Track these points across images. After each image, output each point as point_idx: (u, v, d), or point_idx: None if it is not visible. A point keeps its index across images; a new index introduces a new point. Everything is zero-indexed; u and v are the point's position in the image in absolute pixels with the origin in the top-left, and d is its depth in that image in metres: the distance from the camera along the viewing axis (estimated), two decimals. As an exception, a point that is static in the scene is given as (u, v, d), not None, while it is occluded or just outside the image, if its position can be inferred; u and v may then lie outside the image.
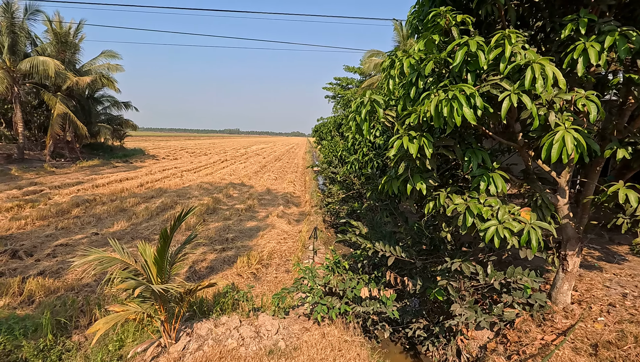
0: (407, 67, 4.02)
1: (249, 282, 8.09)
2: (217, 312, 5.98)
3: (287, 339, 5.00)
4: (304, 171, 31.23)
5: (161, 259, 4.14)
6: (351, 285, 5.66)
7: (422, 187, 4.17)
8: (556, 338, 4.78)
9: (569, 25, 3.49)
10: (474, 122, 3.30)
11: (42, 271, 8.05)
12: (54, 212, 12.55)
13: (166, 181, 20.84)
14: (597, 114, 3.15)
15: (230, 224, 12.53)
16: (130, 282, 3.94)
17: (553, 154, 3.18)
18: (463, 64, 3.47)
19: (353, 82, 38.24)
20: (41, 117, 27.89)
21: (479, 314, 4.96)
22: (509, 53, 3.17)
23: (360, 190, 12.20)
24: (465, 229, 3.83)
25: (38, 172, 21.48)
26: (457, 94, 3.24)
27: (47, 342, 5.44)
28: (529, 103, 3.12)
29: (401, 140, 3.88)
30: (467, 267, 4.52)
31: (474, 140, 4.30)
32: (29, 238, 10.18)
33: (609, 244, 8.61)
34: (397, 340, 6.59)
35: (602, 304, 5.41)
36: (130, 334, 5.50)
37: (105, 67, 30.21)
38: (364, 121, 4.43)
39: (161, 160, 34.75)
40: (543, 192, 4.56)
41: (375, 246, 5.46)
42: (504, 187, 3.84)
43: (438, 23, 3.70)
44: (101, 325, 3.98)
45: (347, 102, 17.62)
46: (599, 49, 3.23)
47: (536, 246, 3.49)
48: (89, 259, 4.14)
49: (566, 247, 5.20)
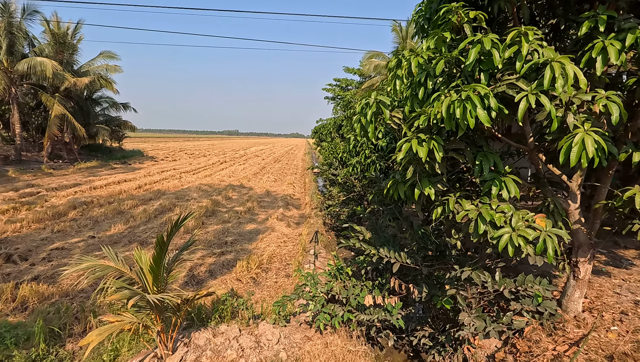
0: (415, 66, 3.84)
1: (248, 287, 7.90)
2: (216, 320, 5.79)
3: (288, 350, 4.80)
4: (303, 173, 31.05)
5: (157, 267, 3.95)
6: (354, 292, 5.48)
7: (430, 192, 3.99)
8: (569, 349, 4.59)
9: (587, 22, 3.32)
10: (488, 124, 3.12)
11: (37, 275, 7.86)
12: (50, 215, 12.35)
13: (165, 182, 20.65)
14: (618, 116, 2.98)
15: (229, 227, 12.34)
16: (124, 292, 3.74)
17: (572, 158, 3.01)
18: (476, 63, 3.30)
19: (353, 84, 38.14)
20: (39, 118, 27.66)
21: (488, 323, 4.77)
22: (525, 51, 2.99)
23: (362, 192, 12.01)
24: (477, 236, 3.65)
25: (35, 173, 21.26)
26: (471, 94, 3.06)
27: (39, 351, 5.25)
28: (548, 104, 2.94)
29: (410, 144, 3.69)
30: (477, 276, 4.33)
31: (485, 143, 4.12)
32: (24, 241, 9.98)
33: (615, 248, 8.44)
34: (401, 347, 6.41)
35: (614, 312, 5.23)
36: (126, 344, 5.31)
37: (103, 68, 30.04)
38: (370, 123, 4.25)
39: (160, 161, 34.55)
40: (555, 196, 4.39)
41: (379, 252, 5.28)
42: (517, 192, 3.66)
43: (449, 20, 3.53)
44: (94, 337, 3.79)
45: (347, 104, 17.45)
46: (619, 48, 3.06)
47: (553, 254, 3.31)
48: (81, 267, 3.94)
49: (577, 254, 5.02)
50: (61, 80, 24.37)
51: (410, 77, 4.08)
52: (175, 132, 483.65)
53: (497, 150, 5.52)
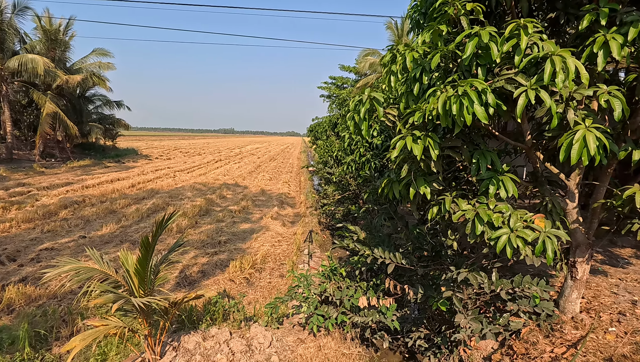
0: (410, 61, 3.71)
1: (241, 288, 7.76)
2: (206, 323, 5.65)
3: (280, 353, 4.67)
4: (298, 171, 30.88)
5: (143, 269, 3.80)
6: (348, 293, 5.36)
7: (426, 191, 3.87)
8: (567, 350, 4.50)
9: (588, 16, 3.21)
10: (485, 120, 3.00)
11: (25, 277, 7.67)
12: (40, 215, 12.12)
13: (158, 181, 20.41)
14: (621, 112, 2.87)
15: (223, 226, 12.17)
16: (109, 296, 3.59)
17: (573, 155, 2.89)
18: (473, 57, 3.17)
19: (348, 82, 37.99)
20: (31, 116, 27.25)
21: (485, 324, 4.67)
22: (525, 44, 2.87)
23: (357, 191, 11.90)
24: (475, 237, 3.53)
25: (27, 172, 20.94)
26: (468, 89, 2.93)
27: (24, 355, 5.09)
28: (548, 100, 2.82)
29: (404, 141, 3.57)
30: (474, 278, 4.23)
31: (482, 141, 4.00)
32: (12, 242, 9.76)
33: (611, 246, 8.39)
34: (396, 349, 6.30)
35: (611, 313, 5.15)
36: (114, 347, 5.16)
37: (96, 66, 29.65)
38: (363, 120, 4.12)
39: (154, 160, 34.23)
40: (553, 196, 4.28)
41: (374, 253, 5.15)
42: (515, 191, 3.55)
43: (446, 12, 3.40)
44: (77, 342, 3.64)
45: (342, 102, 17.32)
46: (621, 42, 2.95)
47: (552, 256, 3.21)
48: (64, 269, 3.79)
49: (575, 254, 4.93)
50: (53, 77, 24.02)
51: (405, 72, 3.95)
52: (171, 131, 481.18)
53: (494, 148, 5.42)
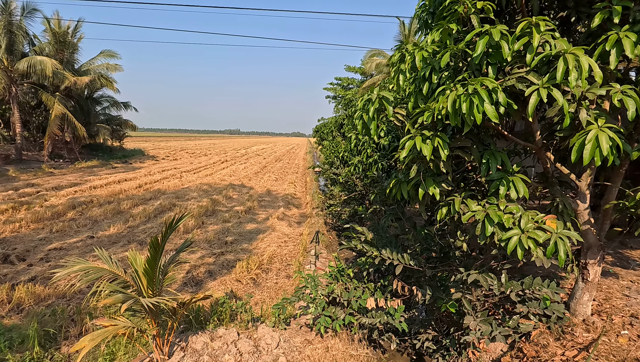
0: (419, 60, 3.69)
1: (248, 288, 7.76)
2: (214, 323, 5.65)
3: (288, 354, 4.66)
4: (304, 172, 30.90)
5: (152, 269, 3.81)
6: (356, 294, 5.33)
7: (435, 191, 3.83)
8: (578, 354, 4.43)
9: (599, 14, 3.16)
10: (495, 120, 2.97)
11: (34, 276, 7.74)
12: (49, 215, 12.24)
13: (165, 182, 20.53)
14: (635, 111, 2.82)
15: (229, 227, 12.20)
16: (118, 296, 3.60)
17: (585, 156, 2.85)
18: (483, 55, 3.14)
19: (354, 83, 37.96)
20: (39, 117, 27.57)
21: (494, 327, 4.61)
22: (536, 43, 2.83)
23: (363, 192, 11.86)
24: (485, 238, 3.49)
25: (36, 173, 21.17)
26: (478, 88, 2.90)
27: (34, 354, 5.13)
28: (560, 98, 2.78)
29: (413, 141, 3.54)
30: (484, 279, 4.18)
31: (492, 141, 3.96)
32: (22, 242, 9.87)
33: (621, 248, 8.27)
34: (403, 351, 6.26)
35: (623, 316, 5.07)
36: (122, 347, 5.18)
37: (104, 67, 29.94)
38: (372, 120, 4.09)
39: (161, 161, 34.45)
40: (564, 196, 4.23)
41: (382, 254, 5.12)
42: (526, 192, 3.50)
43: (456, 10, 3.36)
44: (86, 342, 3.65)
45: (348, 102, 17.29)
46: (635, 40, 2.90)
47: (564, 257, 3.16)
48: (73, 269, 3.81)
49: (587, 256, 4.86)
50: (61, 79, 24.27)
51: (414, 71, 3.92)
52: (177, 132, 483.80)
53: (503, 148, 5.36)
